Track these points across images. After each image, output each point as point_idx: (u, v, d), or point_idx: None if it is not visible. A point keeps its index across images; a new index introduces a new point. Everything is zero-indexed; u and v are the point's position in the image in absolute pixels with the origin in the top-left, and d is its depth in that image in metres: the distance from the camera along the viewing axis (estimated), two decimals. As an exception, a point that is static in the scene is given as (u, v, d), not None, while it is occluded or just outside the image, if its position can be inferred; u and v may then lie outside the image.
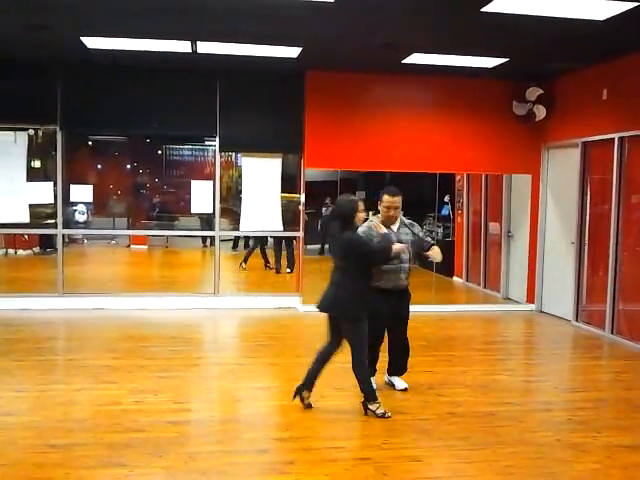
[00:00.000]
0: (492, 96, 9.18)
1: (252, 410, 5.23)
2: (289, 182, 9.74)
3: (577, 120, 8.55)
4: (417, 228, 5.59)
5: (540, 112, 8.98)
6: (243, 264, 12.14)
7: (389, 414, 4.89)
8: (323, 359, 5.09)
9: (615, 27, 6.17)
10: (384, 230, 5.19)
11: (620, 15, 5.79)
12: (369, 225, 5.31)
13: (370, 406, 4.92)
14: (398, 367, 5.69)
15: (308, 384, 5.06)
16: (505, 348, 7.69)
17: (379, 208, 5.41)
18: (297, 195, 9.47)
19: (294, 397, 5.03)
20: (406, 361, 5.68)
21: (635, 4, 5.51)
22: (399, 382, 5.64)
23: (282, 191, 9.45)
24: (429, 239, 5.73)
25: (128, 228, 13.33)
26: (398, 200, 5.33)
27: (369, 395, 4.95)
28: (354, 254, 4.86)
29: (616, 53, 7.47)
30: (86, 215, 11.45)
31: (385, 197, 5.32)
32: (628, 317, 7.69)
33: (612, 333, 7.80)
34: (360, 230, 5.14)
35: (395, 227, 5.40)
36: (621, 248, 7.74)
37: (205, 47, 7.48)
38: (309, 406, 5.02)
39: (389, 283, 5.34)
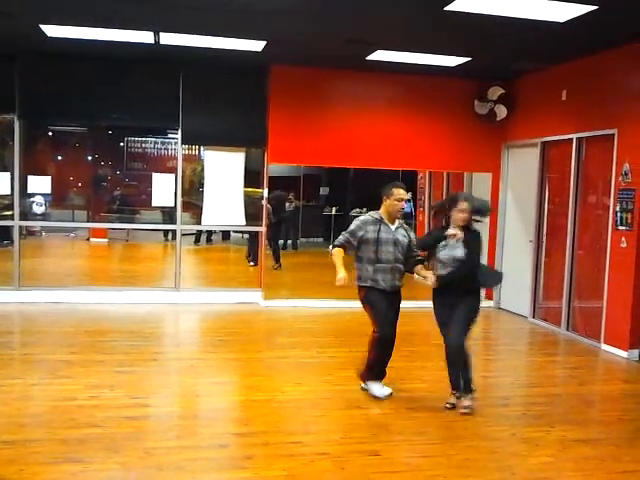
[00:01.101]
0: (454, 95, 9.27)
1: (211, 405, 5.21)
2: (253, 177, 9.71)
3: (537, 120, 8.70)
4: (412, 234, 5.39)
5: (501, 112, 9.11)
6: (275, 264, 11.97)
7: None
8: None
9: (575, 29, 6.29)
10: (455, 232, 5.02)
11: (579, 17, 5.90)
12: (368, 218, 5.28)
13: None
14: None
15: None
16: (464, 344, 7.76)
17: (386, 202, 5.23)
18: (260, 190, 9.43)
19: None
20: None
21: (594, 7, 5.63)
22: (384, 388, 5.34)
23: (245, 186, 9.41)
24: (417, 252, 5.39)
25: (88, 221, 13.14)
26: (405, 194, 5.29)
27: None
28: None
29: (575, 55, 7.61)
30: (44, 207, 11.22)
31: (396, 190, 5.19)
32: (583, 314, 7.86)
33: (567, 330, 7.97)
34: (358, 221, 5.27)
35: (394, 226, 5.25)
36: (577, 246, 7.90)
37: (168, 38, 7.39)
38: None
39: (382, 283, 5.18)
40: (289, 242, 14.51)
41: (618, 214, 7.06)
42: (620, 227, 7.03)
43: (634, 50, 6.89)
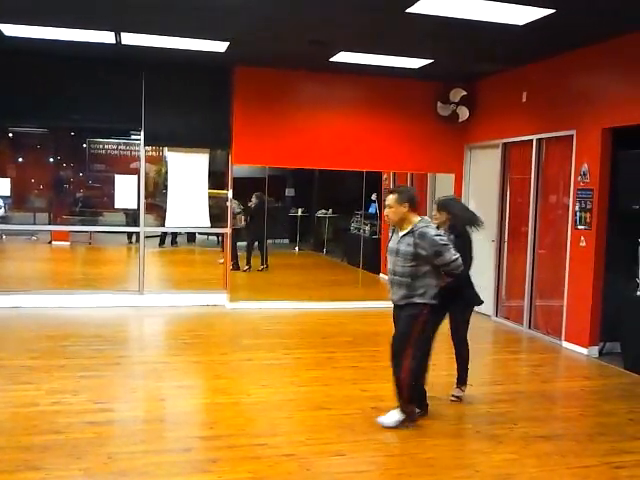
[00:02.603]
0: (417, 96, 9.35)
1: (176, 409, 5.15)
2: (217, 178, 9.66)
3: (498, 121, 8.82)
4: (426, 242, 4.54)
5: (463, 113, 9.21)
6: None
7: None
8: None
9: (533, 32, 6.41)
10: None
11: (538, 21, 6.01)
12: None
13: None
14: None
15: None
16: (429, 343, 7.83)
17: None
18: (225, 191, 9.39)
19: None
20: (399, 392, 4.73)
21: (551, 11, 5.73)
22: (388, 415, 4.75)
23: (210, 187, 9.36)
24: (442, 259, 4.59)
25: (49, 223, 12.92)
26: (390, 199, 4.69)
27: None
28: None
29: (535, 57, 7.74)
30: (3, 209, 11.02)
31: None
32: (544, 312, 7.99)
33: (529, 328, 8.09)
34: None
35: (401, 234, 4.69)
36: (538, 246, 8.03)
37: (129, 38, 7.31)
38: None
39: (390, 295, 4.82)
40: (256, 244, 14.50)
41: (577, 214, 7.19)
42: (579, 226, 7.17)
43: (591, 52, 7.03)
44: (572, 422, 5.09)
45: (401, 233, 4.68)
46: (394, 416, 4.69)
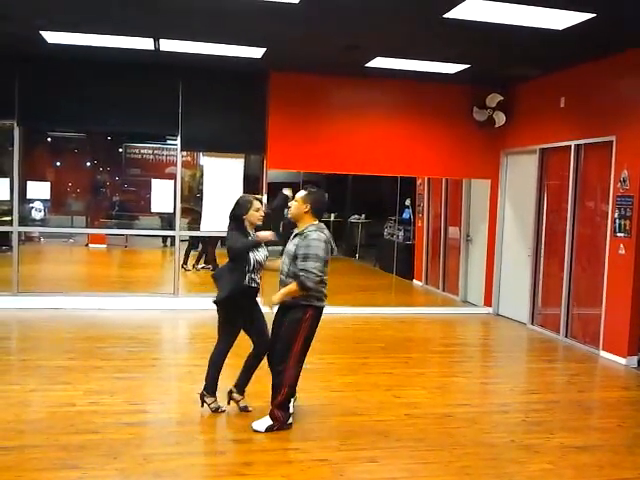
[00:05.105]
0: (453, 101, 9.29)
1: (210, 411, 5.19)
2: (252, 183, 9.70)
3: (535, 127, 8.72)
4: (305, 243, 4.55)
5: (500, 118, 9.12)
6: (193, 265, 12.01)
7: (224, 408, 5.00)
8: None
9: (573, 37, 6.32)
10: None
11: (577, 25, 5.93)
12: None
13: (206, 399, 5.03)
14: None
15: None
16: (462, 350, 7.78)
17: None
18: (260, 196, 9.43)
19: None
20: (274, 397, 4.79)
21: (591, 15, 5.65)
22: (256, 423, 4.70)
23: (244, 192, 9.40)
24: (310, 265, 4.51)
25: (86, 226, 13.12)
26: (300, 194, 4.68)
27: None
28: None
29: (574, 62, 7.64)
30: (43, 212, 11.22)
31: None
32: (582, 321, 7.86)
33: (566, 336, 7.97)
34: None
35: (295, 231, 4.74)
36: (576, 253, 7.91)
37: (168, 45, 7.41)
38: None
39: None
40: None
41: (617, 221, 7.07)
42: (618, 234, 7.04)
43: (632, 57, 6.92)
44: (610, 433, 4.99)
45: (295, 231, 4.69)
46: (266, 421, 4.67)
